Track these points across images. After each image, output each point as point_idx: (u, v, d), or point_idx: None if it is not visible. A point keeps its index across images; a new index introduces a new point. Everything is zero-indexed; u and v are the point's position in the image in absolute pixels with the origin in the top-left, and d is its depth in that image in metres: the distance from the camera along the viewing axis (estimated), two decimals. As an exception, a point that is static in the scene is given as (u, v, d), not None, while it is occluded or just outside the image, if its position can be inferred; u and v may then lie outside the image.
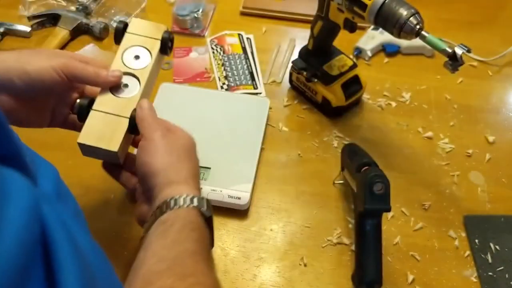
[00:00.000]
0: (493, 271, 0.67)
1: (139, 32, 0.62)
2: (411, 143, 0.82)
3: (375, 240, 0.62)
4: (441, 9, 1.05)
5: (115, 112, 0.56)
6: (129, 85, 0.59)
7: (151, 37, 0.62)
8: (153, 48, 0.61)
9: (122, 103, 0.57)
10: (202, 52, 0.95)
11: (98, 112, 0.56)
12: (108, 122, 0.56)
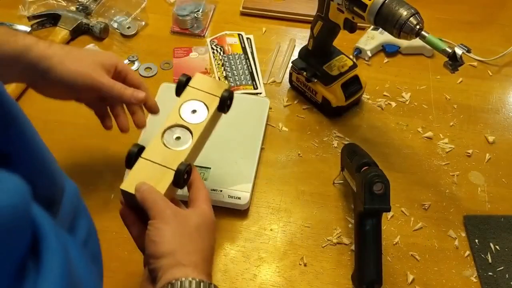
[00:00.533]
0: (493, 271, 0.67)
1: (200, 87, 0.61)
2: (411, 143, 0.82)
3: (375, 240, 0.62)
4: (441, 9, 1.05)
5: (163, 163, 0.55)
6: (182, 138, 0.58)
7: (211, 93, 0.61)
8: (211, 104, 0.60)
9: (171, 155, 0.56)
10: (202, 52, 0.95)
11: (146, 160, 0.55)
12: (154, 172, 0.54)
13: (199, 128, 0.58)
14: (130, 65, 0.92)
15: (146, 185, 0.52)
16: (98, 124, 0.83)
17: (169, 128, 0.58)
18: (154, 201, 0.51)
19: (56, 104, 0.86)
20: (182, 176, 0.54)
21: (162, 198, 0.51)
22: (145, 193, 0.51)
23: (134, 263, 0.67)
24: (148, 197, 0.51)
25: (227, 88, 0.62)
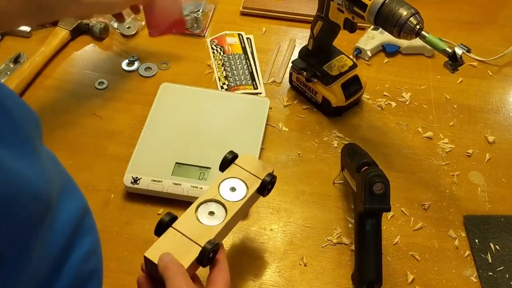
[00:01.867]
0: (493, 271, 0.67)
1: (245, 167, 0.61)
2: (411, 143, 0.82)
3: (375, 240, 0.62)
4: (441, 9, 1.05)
5: (192, 236, 0.53)
6: (216, 214, 0.56)
7: (254, 175, 0.60)
8: (252, 185, 0.60)
9: (202, 230, 0.54)
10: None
11: (175, 231, 0.53)
12: (181, 244, 0.53)
13: (234, 207, 0.57)
14: (130, 65, 0.93)
15: (170, 257, 0.50)
16: (98, 124, 0.83)
17: (205, 202, 0.57)
18: (174, 275, 0.48)
19: (56, 104, 0.86)
20: (207, 255, 0.52)
21: (183, 273, 0.49)
22: (168, 264, 0.49)
23: (134, 263, 0.67)
24: (170, 268, 0.49)
25: (271, 173, 0.62)
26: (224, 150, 0.76)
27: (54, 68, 0.92)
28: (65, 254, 0.43)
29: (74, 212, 0.45)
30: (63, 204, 0.43)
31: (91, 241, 0.47)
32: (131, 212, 0.72)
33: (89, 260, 0.46)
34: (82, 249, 0.45)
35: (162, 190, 0.71)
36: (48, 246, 0.40)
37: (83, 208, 0.46)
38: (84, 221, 0.46)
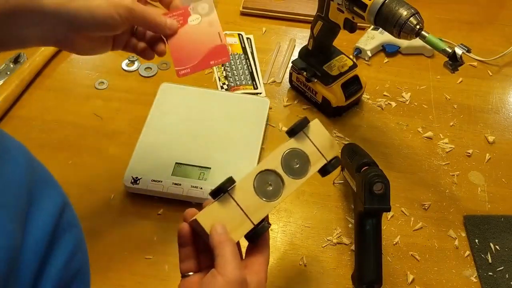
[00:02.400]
0: (493, 271, 0.67)
1: (314, 139, 0.56)
2: (411, 143, 0.82)
3: (375, 240, 0.62)
4: (441, 9, 1.05)
5: (246, 210, 0.50)
6: (272, 188, 0.52)
7: (321, 152, 0.55)
8: (315, 164, 0.55)
9: (256, 204, 0.51)
10: (205, 10, 0.63)
11: (231, 199, 0.50)
12: (233, 216, 0.50)
13: (293, 186, 0.53)
14: (130, 65, 0.93)
15: (225, 232, 0.48)
16: (98, 124, 0.83)
17: (265, 171, 0.52)
18: (225, 254, 0.47)
19: (56, 104, 0.86)
20: (261, 235, 0.50)
21: (236, 254, 0.47)
22: (223, 240, 0.47)
23: (134, 263, 0.67)
24: (225, 246, 0.47)
25: (337, 156, 0.57)
26: (224, 150, 0.76)
27: (54, 68, 0.92)
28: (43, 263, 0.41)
29: (51, 214, 0.42)
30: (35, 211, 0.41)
31: (73, 240, 0.44)
32: (131, 212, 0.72)
33: (72, 261, 0.44)
34: (64, 250, 0.43)
35: (162, 190, 0.71)
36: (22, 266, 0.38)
37: (61, 205, 0.44)
38: (63, 218, 0.44)
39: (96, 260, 0.66)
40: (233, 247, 0.47)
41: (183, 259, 0.51)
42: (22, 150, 0.43)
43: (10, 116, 0.84)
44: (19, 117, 0.84)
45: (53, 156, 0.78)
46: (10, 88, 0.84)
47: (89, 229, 0.69)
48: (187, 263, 0.51)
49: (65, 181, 0.78)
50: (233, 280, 0.45)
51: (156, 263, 0.67)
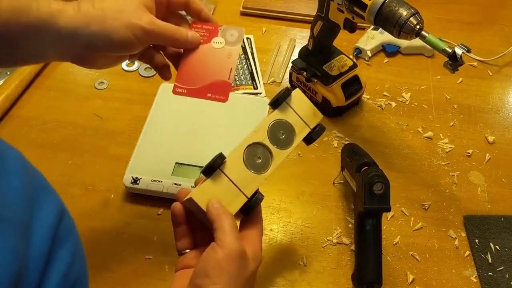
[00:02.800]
0: (493, 271, 0.67)
1: (297, 109, 0.56)
2: (411, 143, 0.82)
3: (375, 240, 0.62)
4: (441, 9, 1.05)
5: (238, 184, 0.51)
6: (261, 160, 0.53)
7: (304, 121, 0.56)
8: (300, 133, 0.56)
9: (248, 178, 0.52)
10: (233, 39, 0.60)
11: (223, 174, 0.51)
12: (227, 191, 0.51)
13: (281, 156, 0.54)
14: (130, 65, 0.93)
15: (221, 206, 0.49)
16: (98, 124, 0.83)
17: (253, 144, 0.53)
18: (227, 227, 0.48)
19: (56, 104, 0.86)
20: (255, 207, 0.51)
21: (233, 225, 0.48)
22: (220, 213, 0.48)
23: (134, 263, 0.67)
24: (223, 218, 0.48)
25: (320, 123, 0.58)
26: (224, 150, 0.76)
27: (54, 68, 0.92)
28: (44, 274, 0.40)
29: (49, 224, 0.42)
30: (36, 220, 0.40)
31: (71, 248, 0.44)
32: (131, 212, 0.72)
33: (71, 270, 0.43)
34: (62, 261, 0.42)
35: (162, 190, 0.71)
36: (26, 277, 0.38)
37: (59, 213, 0.44)
38: (61, 227, 0.43)
39: (96, 260, 0.66)
40: (231, 220, 0.48)
41: (179, 238, 0.53)
42: (19, 159, 0.42)
43: (10, 116, 0.84)
44: (19, 117, 0.84)
45: (53, 156, 0.78)
46: (10, 88, 0.84)
47: (89, 229, 0.70)
48: (183, 241, 0.52)
49: (65, 181, 0.78)
50: (233, 251, 0.46)
51: (156, 263, 0.67)
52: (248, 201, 0.51)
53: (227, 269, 0.46)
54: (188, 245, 0.53)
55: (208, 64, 0.59)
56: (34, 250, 0.39)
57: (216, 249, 0.46)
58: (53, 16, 0.49)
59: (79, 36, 0.50)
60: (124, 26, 0.51)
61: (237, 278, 0.46)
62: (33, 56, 0.52)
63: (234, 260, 0.46)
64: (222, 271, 0.46)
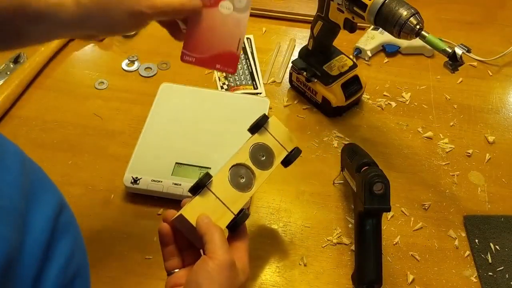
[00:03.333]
0: (493, 271, 0.67)
1: (274, 133, 0.60)
2: (411, 143, 0.82)
3: (375, 240, 0.62)
4: (441, 9, 1.05)
5: (225, 201, 0.54)
6: (245, 180, 0.56)
7: (282, 145, 0.60)
8: (279, 155, 0.60)
9: (234, 196, 0.55)
10: (241, 6, 0.58)
11: (210, 193, 0.53)
12: (215, 208, 0.53)
13: (263, 176, 0.58)
14: (130, 65, 0.93)
15: (210, 220, 0.51)
16: (98, 124, 0.83)
17: (237, 165, 0.57)
18: (214, 239, 0.49)
19: (56, 104, 0.86)
20: (242, 223, 0.53)
21: (223, 238, 0.50)
22: (210, 227, 0.50)
23: (134, 263, 0.67)
24: (212, 232, 0.50)
25: (297, 146, 0.62)
26: (224, 150, 0.76)
27: (54, 68, 0.92)
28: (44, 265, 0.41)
29: (48, 216, 0.42)
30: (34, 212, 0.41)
31: (71, 240, 0.44)
32: (131, 212, 0.72)
33: (71, 262, 0.44)
34: (61, 253, 0.43)
35: (162, 190, 0.71)
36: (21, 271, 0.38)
37: (58, 206, 0.44)
38: (60, 219, 0.44)
39: (96, 260, 0.66)
40: (221, 233, 0.50)
41: (167, 258, 0.54)
42: (17, 153, 0.43)
43: (10, 116, 0.84)
44: (19, 117, 0.84)
45: (53, 156, 0.78)
46: (10, 88, 0.84)
47: (89, 229, 0.70)
48: (172, 261, 0.54)
49: (65, 181, 0.78)
50: (223, 262, 0.48)
51: (156, 263, 0.67)
52: (235, 217, 0.53)
53: (218, 279, 0.47)
54: (177, 265, 0.54)
55: (216, 32, 0.58)
56: (32, 241, 0.39)
57: (207, 261, 0.48)
58: (52, 9, 0.50)
59: (81, 26, 0.52)
60: (125, 14, 0.52)
61: (227, 287, 0.47)
62: (40, 42, 0.55)
63: (224, 270, 0.48)
64: (213, 282, 0.47)
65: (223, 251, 0.48)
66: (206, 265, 0.48)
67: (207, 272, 0.47)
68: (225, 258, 0.48)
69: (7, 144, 0.43)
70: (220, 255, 0.48)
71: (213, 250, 0.48)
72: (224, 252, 0.48)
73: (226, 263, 0.48)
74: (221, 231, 0.50)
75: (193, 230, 0.51)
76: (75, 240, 0.45)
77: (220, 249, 0.48)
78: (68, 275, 0.43)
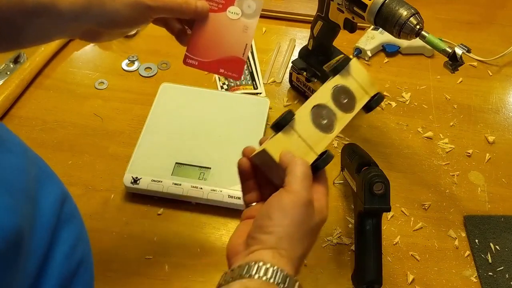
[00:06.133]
0: (493, 271, 0.67)
1: (356, 76, 0.57)
2: (411, 143, 0.82)
3: (375, 240, 0.62)
4: (441, 9, 1.05)
5: (308, 141, 0.51)
6: (326, 122, 0.53)
7: (364, 89, 0.58)
8: (360, 99, 0.57)
9: (316, 136, 0.52)
10: (250, 12, 0.58)
11: (293, 131, 0.51)
12: (297, 146, 0.50)
13: (344, 119, 0.54)
14: (130, 65, 0.93)
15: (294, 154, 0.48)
16: (98, 124, 0.83)
17: (318, 106, 0.53)
18: (296, 172, 0.46)
19: (56, 104, 0.86)
20: (325, 165, 0.50)
21: (306, 175, 0.47)
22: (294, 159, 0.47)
23: (134, 263, 0.67)
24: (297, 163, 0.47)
25: (379, 92, 0.58)
26: (224, 150, 0.76)
27: (54, 68, 0.92)
28: (49, 251, 0.42)
29: (52, 204, 0.43)
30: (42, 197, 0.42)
31: (74, 230, 0.45)
32: (131, 212, 0.72)
33: (75, 251, 0.44)
34: (65, 241, 0.43)
35: (162, 190, 0.71)
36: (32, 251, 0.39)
37: (61, 196, 0.45)
38: (64, 208, 0.45)
39: (95, 260, 0.66)
40: (305, 168, 0.47)
41: (246, 192, 0.52)
42: (20, 143, 0.43)
43: (10, 116, 0.84)
44: (19, 117, 0.84)
45: (53, 156, 0.78)
46: (10, 88, 0.84)
47: (89, 228, 0.69)
48: (251, 195, 0.52)
49: (65, 181, 0.78)
50: (300, 198, 0.45)
51: (156, 263, 0.67)
52: (318, 159, 0.50)
53: (291, 214, 0.44)
54: (256, 199, 0.52)
55: (222, 36, 0.56)
56: (42, 223, 0.40)
57: (282, 194, 0.45)
58: (51, 1, 0.48)
59: (81, 19, 0.50)
60: (126, 6, 0.51)
61: (299, 225, 0.45)
62: (38, 39, 0.52)
63: (299, 207, 0.45)
64: (286, 215, 0.44)
65: (302, 186, 0.45)
66: (280, 198, 0.45)
67: (281, 205, 0.45)
68: (302, 194, 0.45)
69: (9, 133, 0.43)
70: (298, 190, 0.45)
71: (292, 182, 0.46)
72: (302, 188, 0.45)
73: (303, 199, 0.45)
74: (306, 167, 0.47)
75: (274, 166, 0.49)
76: (79, 230, 0.46)
77: (300, 183, 0.45)
78: (72, 263, 0.44)
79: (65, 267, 0.43)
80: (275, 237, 0.43)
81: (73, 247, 0.44)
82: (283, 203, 0.45)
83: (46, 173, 0.46)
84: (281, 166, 0.48)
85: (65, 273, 0.43)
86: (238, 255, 0.45)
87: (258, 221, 0.45)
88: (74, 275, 0.45)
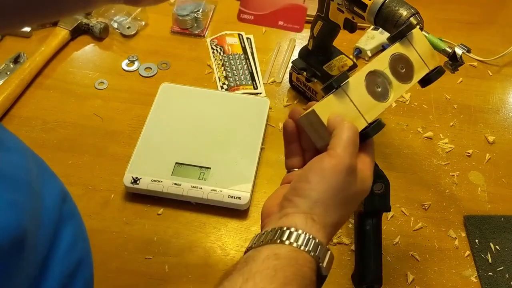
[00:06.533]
0: (493, 271, 0.67)
1: (416, 46, 0.54)
2: (411, 143, 0.82)
3: (375, 240, 0.62)
4: (441, 9, 1.05)
5: (359, 107, 0.48)
6: (381, 90, 0.51)
7: (423, 60, 0.54)
8: (418, 71, 0.54)
9: (369, 103, 0.49)
10: None
11: (345, 95, 0.48)
12: (348, 111, 0.48)
13: (400, 90, 0.52)
14: (130, 65, 0.93)
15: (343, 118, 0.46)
16: (98, 124, 0.83)
17: (374, 72, 0.51)
18: (342, 136, 0.44)
19: (56, 104, 0.86)
20: (374, 133, 0.48)
21: (352, 141, 0.44)
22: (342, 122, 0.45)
23: (134, 263, 0.67)
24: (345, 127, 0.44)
25: (440, 65, 0.55)
26: (224, 150, 0.76)
27: (54, 68, 0.92)
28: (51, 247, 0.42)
29: (56, 198, 0.43)
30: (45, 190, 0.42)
31: (74, 228, 0.46)
32: (131, 212, 0.72)
33: (75, 249, 0.45)
34: (66, 238, 0.44)
35: (162, 190, 0.71)
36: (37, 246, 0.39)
37: (61, 193, 0.45)
38: (65, 206, 0.45)
39: (95, 260, 0.66)
40: (352, 133, 0.44)
41: (289, 156, 0.51)
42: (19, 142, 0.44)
43: (10, 116, 0.84)
44: (19, 117, 0.84)
45: (53, 156, 0.78)
46: (10, 88, 0.84)
47: (88, 228, 0.69)
48: (293, 159, 0.51)
49: (65, 181, 0.78)
50: (341, 164, 0.43)
51: (156, 263, 0.67)
52: (368, 126, 0.48)
53: (329, 180, 0.42)
54: (298, 164, 0.51)
55: None
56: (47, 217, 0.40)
57: (324, 157, 0.43)
58: None
59: None
60: None
61: (337, 191, 0.42)
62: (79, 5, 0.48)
63: (339, 172, 0.42)
64: (324, 180, 0.42)
65: (346, 151, 0.43)
66: (321, 162, 0.43)
67: (321, 169, 0.43)
68: (345, 159, 0.42)
69: (8, 133, 0.43)
70: (341, 155, 0.43)
71: (337, 146, 0.43)
72: (346, 153, 0.43)
73: (345, 165, 0.42)
74: (353, 132, 0.45)
75: (321, 129, 0.47)
76: (79, 228, 0.46)
77: (344, 148, 0.43)
78: (72, 261, 0.44)
79: (65, 264, 0.43)
80: (309, 201, 0.42)
81: (73, 245, 0.44)
82: (323, 166, 0.43)
83: (46, 171, 0.46)
84: (328, 129, 0.45)
85: (65, 270, 0.43)
86: (271, 215, 0.44)
87: (296, 183, 0.44)
88: (75, 273, 0.45)
